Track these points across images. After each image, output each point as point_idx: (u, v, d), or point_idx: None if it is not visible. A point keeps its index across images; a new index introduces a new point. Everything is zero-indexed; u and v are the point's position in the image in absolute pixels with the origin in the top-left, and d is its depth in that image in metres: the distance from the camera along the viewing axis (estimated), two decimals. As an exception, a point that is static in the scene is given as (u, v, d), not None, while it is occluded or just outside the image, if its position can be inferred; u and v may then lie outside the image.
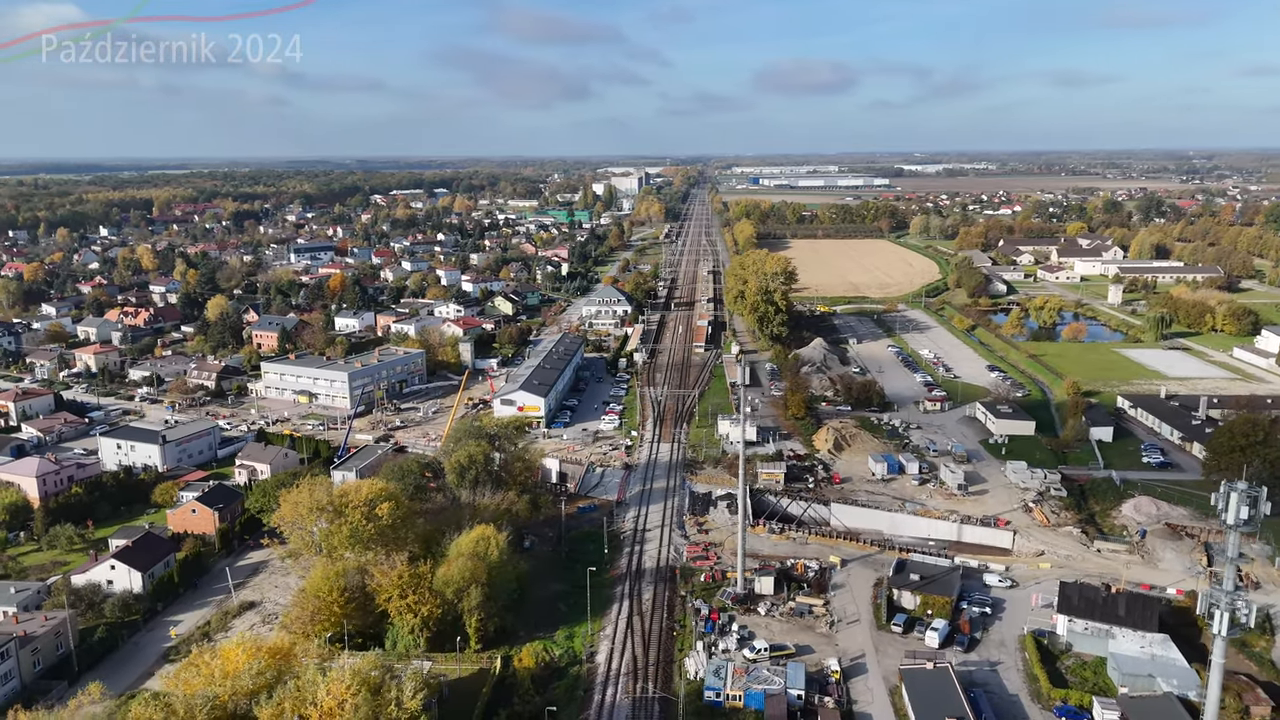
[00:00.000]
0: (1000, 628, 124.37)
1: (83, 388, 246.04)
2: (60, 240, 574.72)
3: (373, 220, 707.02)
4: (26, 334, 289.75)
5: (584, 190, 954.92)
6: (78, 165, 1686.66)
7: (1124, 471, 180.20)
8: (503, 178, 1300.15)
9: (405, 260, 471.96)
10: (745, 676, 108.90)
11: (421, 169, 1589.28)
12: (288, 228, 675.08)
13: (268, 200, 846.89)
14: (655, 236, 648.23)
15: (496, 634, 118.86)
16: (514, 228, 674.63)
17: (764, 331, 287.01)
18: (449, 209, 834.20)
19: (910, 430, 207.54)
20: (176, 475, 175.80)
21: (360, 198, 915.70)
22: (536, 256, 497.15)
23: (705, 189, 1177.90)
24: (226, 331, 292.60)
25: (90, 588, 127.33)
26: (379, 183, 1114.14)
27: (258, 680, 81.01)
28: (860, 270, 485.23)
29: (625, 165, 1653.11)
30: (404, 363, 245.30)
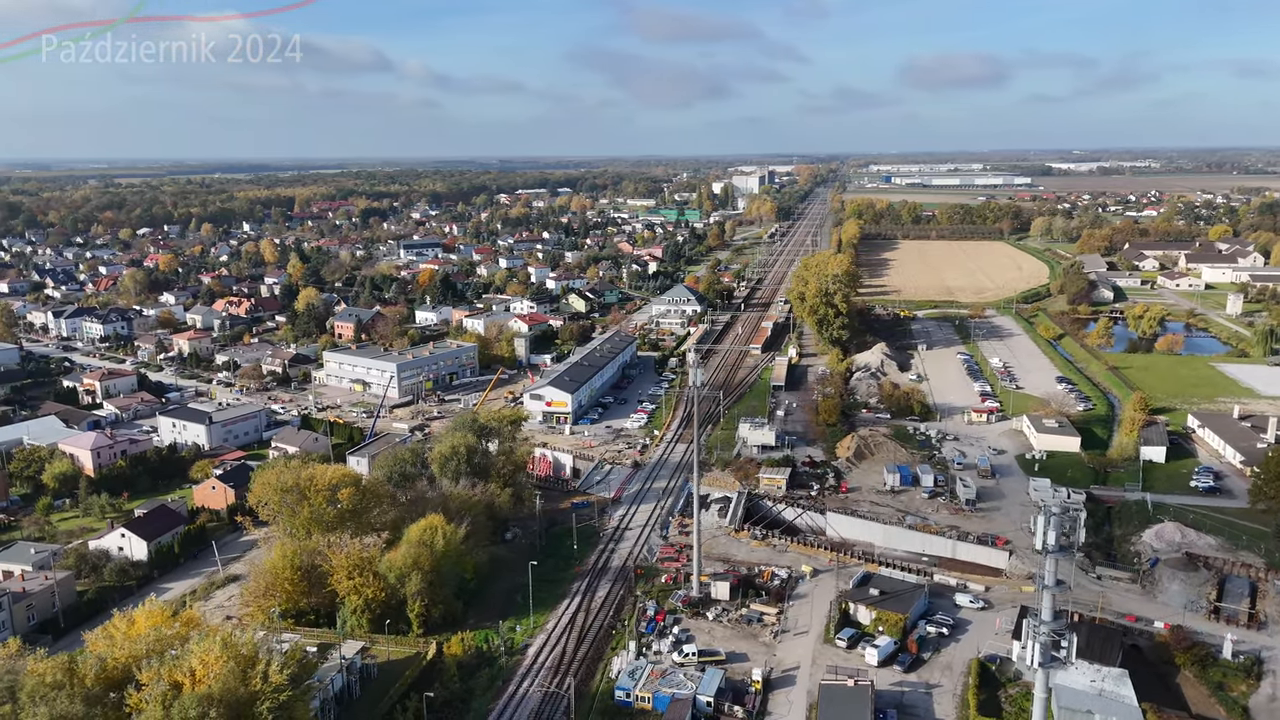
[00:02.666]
0: (954, 650, 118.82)
1: (172, 370, 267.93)
2: (204, 234, 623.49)
3: (489, 219, 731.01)
4: (138, 319, 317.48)
5: (699, 190, 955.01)
6: (248, 165, 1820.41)
7: (1164, 495, 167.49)
8: (629, 177, 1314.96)
9: (503, 258, 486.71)
10: (661, 679, 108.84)
11: (557, 168, 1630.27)
12: (410, 225, 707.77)
13: (398, 199, 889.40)
14: (760, 236, 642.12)
15: (443, 620, 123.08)
16: (621, 227, 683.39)
17: (823, 335, 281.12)
18: (566, 208, 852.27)
19: (945, 441, 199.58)
20: (217, 454, 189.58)
21: (485, 197, 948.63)
22: (629, 255, 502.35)
23: (832, 188, 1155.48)
24: (311, 322, 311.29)
25: (98, 553, 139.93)
26: (507, 182, 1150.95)
27: (152, 646, 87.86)
28: (962, 273, 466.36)
29: (761, 164, 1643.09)
30: (455, 355, 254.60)
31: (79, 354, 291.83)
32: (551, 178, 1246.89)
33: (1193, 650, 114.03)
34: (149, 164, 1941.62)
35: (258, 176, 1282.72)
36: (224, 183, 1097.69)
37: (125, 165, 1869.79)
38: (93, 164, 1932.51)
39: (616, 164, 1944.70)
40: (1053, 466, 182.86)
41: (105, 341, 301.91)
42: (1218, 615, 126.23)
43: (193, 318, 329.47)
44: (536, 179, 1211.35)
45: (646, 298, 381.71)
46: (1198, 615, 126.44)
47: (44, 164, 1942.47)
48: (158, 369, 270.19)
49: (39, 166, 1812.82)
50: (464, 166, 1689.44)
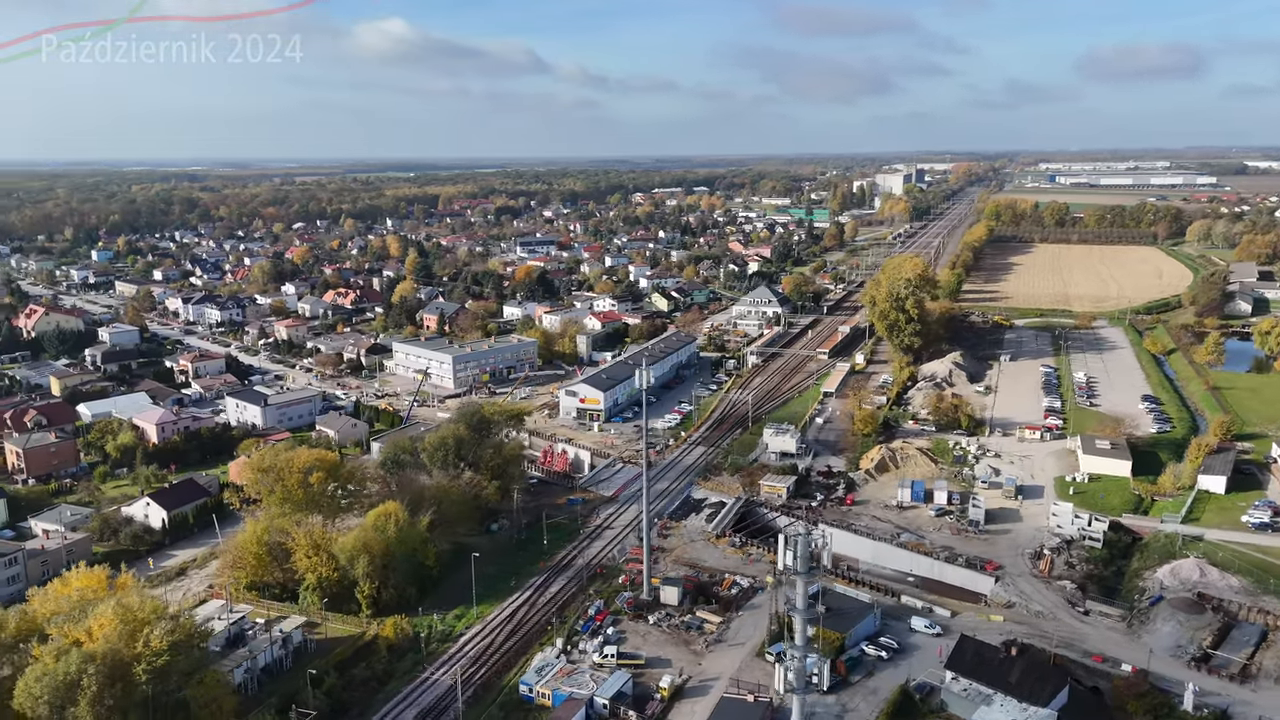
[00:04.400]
0: (889, 674, 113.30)
1: (266, 355, 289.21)
2: (346, 229, 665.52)
3: (614, 217, 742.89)
4: (251, 307, 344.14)
5: (834, 189, 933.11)
6: (417, 164, 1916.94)
7: (1208, 528, 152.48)
8: (773, 176, 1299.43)
9: (609, 256, 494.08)
10: (566, 678, 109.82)
11: (708, 167, 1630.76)
12: (538, 222, 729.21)
13: (535, 197, 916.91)
14: (884, 237, 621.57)
15: (394, 604, 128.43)
16: (741, 226, 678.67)
17: (894, 341, 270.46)
18: (695, 206, 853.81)
19: (983, 457, 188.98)
20: (266, 434, 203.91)
21: (620, 195, 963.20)
22: (736, 255, 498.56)
23: (986, 187, 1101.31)
24: (403, 314, 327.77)
25: (122, 518, 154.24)
26: (645, 182, 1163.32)
27: (74, 606, 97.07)
28: (1091, 280, 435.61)
29: (923, 161, 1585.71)
30: (514, 350, 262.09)
31: (196, 337, 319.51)
32: (690, 177, 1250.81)
33: (1146, 698, 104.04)
34: (332, 163, 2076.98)
35: (418, 175, 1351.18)
36: (383, 181, 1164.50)
37: (312, 164, 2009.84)
38: (284, 163, 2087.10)
39: (769, 162, 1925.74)
40: (1091, 490, 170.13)
41: (220, 326, 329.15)
42: (1205, 663, 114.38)
43: (303, 307, 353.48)
44: (675, 178, 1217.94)
45: (736, 298, 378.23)
46: (1179, 661, 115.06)
47: (244, 163, 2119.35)
48: (254, 353, 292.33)
49: (238, 165, 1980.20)
50: (619, 165, 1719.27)
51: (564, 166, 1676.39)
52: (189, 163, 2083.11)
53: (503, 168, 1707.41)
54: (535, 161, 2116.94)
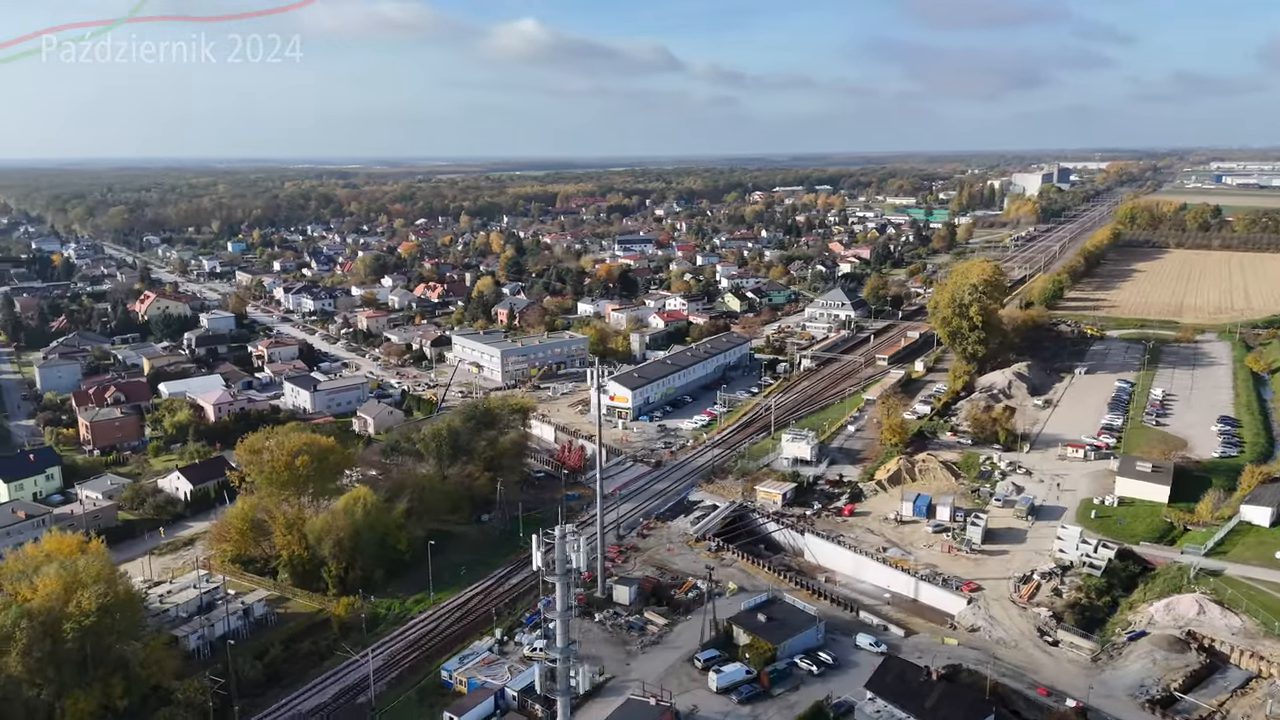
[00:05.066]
0: (816, 690, 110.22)
1: (343, 344, 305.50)
2: (461, 225, 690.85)
3: (719, 216, 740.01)
4: (342, 298, 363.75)
5: (961, 188, 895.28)
6: (554, 163, 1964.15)
7: (1233, 563, 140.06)
8: (903, 174, 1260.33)
9: (702, 255, 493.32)
10: (486, 668, 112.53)
11: (845, 164, 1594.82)
12: (648, 221, 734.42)
13: (651, 195, 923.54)
14: (1001, 240, 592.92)
15: (362, 584, 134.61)
16: (850, 226, 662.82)
17: (956, 349, 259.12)
18: (809, 205, 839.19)
19: (1012, 474, 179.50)
20: (311, 419, 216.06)
21: (736, 194, 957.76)
22: (835, 255, 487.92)
23: (1138, 187, 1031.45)
24: (479, 308, 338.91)
25: (153, 490, 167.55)
26: (765, 180, 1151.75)
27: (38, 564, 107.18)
28: (1218, 290, 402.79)
29: (1081, 159, 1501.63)
30: (565, 346, 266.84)
31: (289, 324, 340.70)
32: (816, 175, 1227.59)
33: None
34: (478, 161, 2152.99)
35: (549, 174, 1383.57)
36: (514, 179, 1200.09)
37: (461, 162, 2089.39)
38: (436, 161, 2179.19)
39: (909, 159, 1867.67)
40: (1116, 515, 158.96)
41: (313, 315, 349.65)
42: (1166, 707, 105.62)
43: (392, 299, 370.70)
44: (799, 177, 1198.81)
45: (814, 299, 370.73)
46: (1135, 701, 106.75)
47: (397, 161, 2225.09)
48: (335, 341, 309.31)
49: (392, 163, 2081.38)
50: (754, 163, 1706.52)
51: (699, 164, 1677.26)
52: (347, 161, 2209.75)
53: (634, 166, 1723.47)
54: (671, 160, 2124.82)
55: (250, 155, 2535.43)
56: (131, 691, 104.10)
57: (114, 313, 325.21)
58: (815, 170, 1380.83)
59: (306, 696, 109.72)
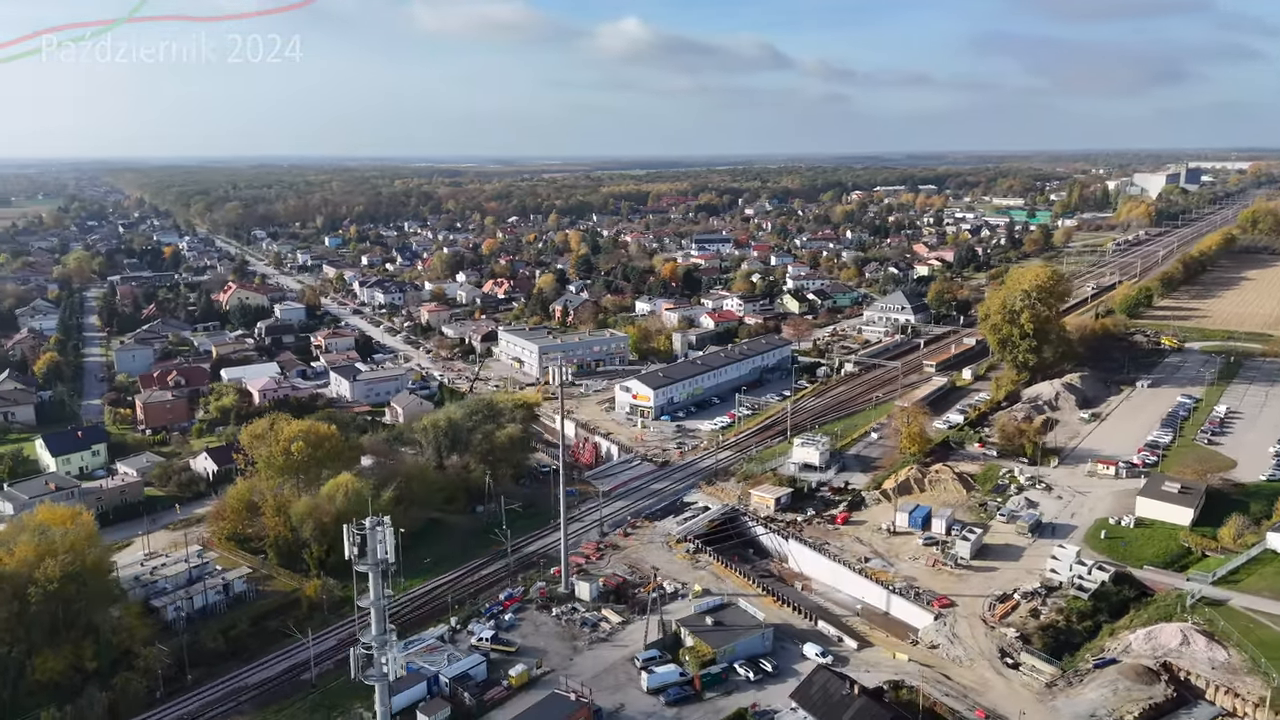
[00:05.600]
0: (747, 696, 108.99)
1: (402, 337, 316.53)
2: (550, 224, 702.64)
3: (807, 216, 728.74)
4: (410, 292, 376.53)
5: (1071, 189, 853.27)
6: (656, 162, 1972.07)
7: (1244, 593, 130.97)
8: (1015, 173, 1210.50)
9: (777, 255, 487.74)
10: (427, 655, 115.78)
11: (962, 164, 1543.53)
12: (736, 220, 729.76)
13: (744, 194, 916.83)
14: (1103, 245, 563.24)
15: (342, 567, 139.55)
16: (944, 227, 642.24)
17: (1006, 357, 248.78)
18: (906, 205, 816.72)
19: (1030, 488, 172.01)
20: (348, 406, 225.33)
21: (833, 193, 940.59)
22: (916, 257, 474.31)
23: (1277, 189, 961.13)
24: (538, 304, 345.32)
25: (182, 468, 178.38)
26: (866, 179, 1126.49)
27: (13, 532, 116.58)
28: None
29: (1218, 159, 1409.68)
30: (604, 344, 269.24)
31: (362, 317, 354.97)
32: (920, 174, 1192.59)
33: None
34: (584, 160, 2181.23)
35: (649, 172, 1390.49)
36: (614, 178, 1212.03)
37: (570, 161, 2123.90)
38: (545, 160, 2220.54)
39: (1032, 158, 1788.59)
40: (1129, 536, 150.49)
41: (382, 308, 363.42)
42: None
43: (460, 294, 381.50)
44: (901, 176, 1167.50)
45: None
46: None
47: (509, 160, 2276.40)
48: (397, 333, 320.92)
49: (504, 162, 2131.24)
50: (867, 162, 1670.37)
51: (808, 162, 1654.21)
52: (461, 160, 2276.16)
53: (739, 165, 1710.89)
54: (780, 158, 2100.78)
55: (374, 154, 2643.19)
56: (101, 655, 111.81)
57: (199, 302, 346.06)
58: (924, 169, 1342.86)
59: (257, 670, 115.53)
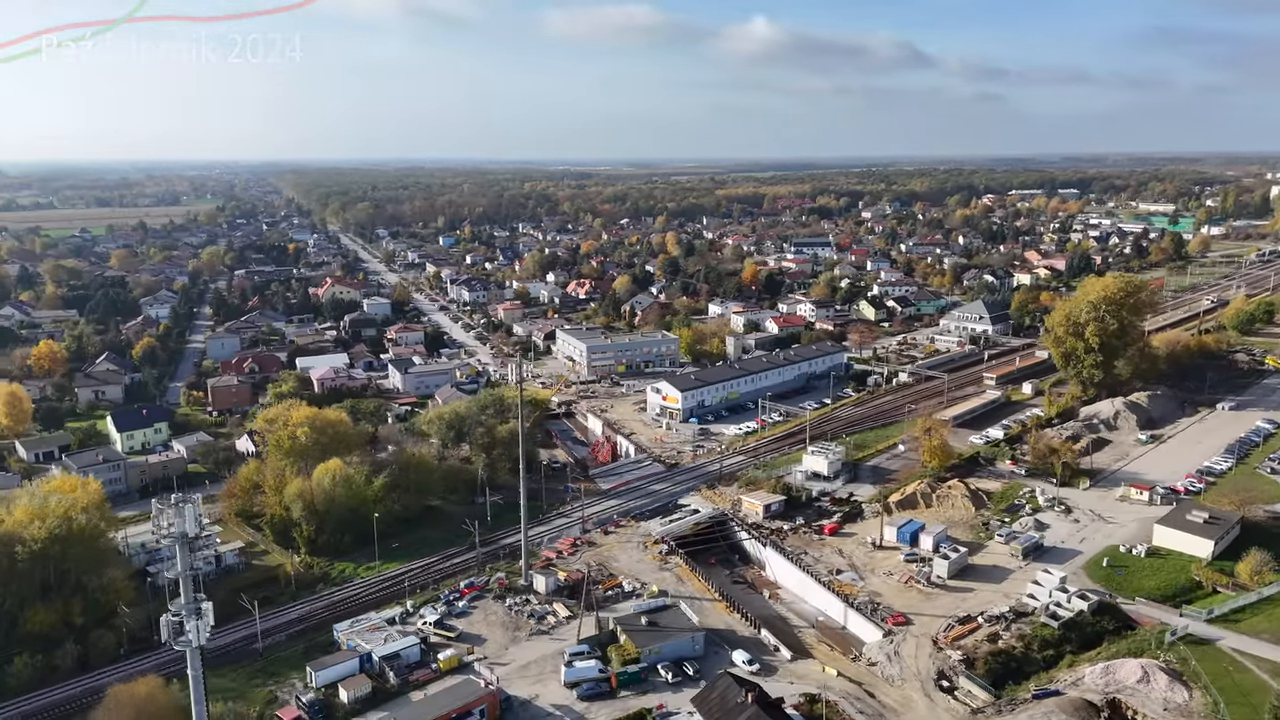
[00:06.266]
0: (659, 697, 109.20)
1: (474, 333, 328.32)
2: (657, 225, 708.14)
3: (919, 220, 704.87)
4: (494, 291, 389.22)
5: (1226, 195, 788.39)
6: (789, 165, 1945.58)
7: (1243, 633, 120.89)
8: (1173, 176, 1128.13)
9: (875, 260, 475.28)
10: (369, 634, 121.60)
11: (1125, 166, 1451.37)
12: (848, 223, 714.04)
13: (864, 197, 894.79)
14: (1246, 255, 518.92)
15: (329, 546, 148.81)
16: (1069, 233, 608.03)
17: (1070, 373, 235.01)
18: (1036, 211, 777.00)
19: (1048, 510, 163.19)
20: (396, 397, 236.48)
21: (960, 197, 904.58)
22: (1026, 264, 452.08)
23: None
24: (611, 305, 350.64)
25: (223, 447, 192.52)
26: (1002, 182, 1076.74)
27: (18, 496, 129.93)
28: None
29: None
30: (654, 345, 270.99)
31: (447, 313, 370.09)
32: (1064, 177, 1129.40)
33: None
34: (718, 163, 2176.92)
35: (774, 175, 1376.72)
36: (735, 180, 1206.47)
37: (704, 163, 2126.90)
38: (680, 162, 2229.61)
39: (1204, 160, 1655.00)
40: (1135, 566, 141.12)
41: (467, 305, 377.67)
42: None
43: (543, 293, 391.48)
44: (1039, 179, 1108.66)
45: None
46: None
47: (645, 163, 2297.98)
48: (470, 329, 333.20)
49: (639, 164, 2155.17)
50: (1022, 164, 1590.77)
51: (955, 165, 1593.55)
52: (597, 163, 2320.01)
53: (873, 166, 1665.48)
54: (922, 161, 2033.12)
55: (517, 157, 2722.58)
56: (88, 612, 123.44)
57: (298, 295, 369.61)
58: (1071, 172, 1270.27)
59: (218, 636, 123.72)
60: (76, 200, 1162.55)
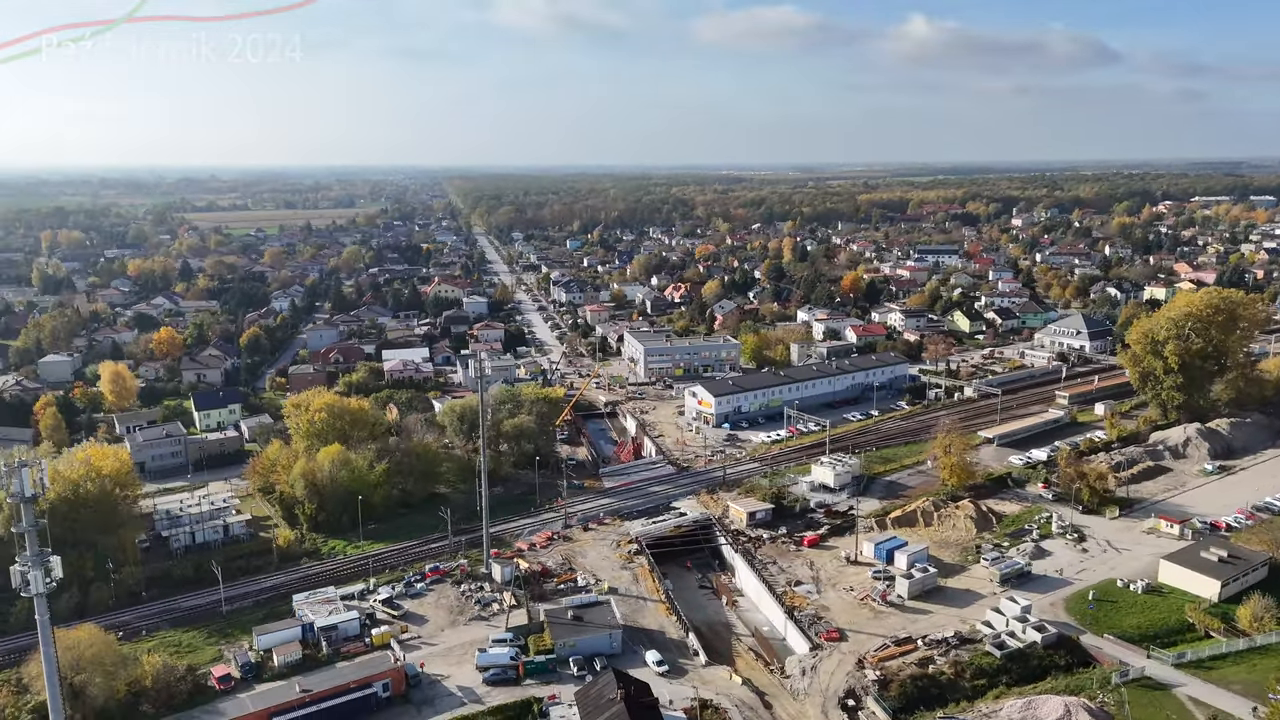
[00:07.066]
0: (554, 689, 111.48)
1: (559, 332, 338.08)
2: (785, 230, 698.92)
3: (1085, 226, 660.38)
4: (589, 292, 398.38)
5: None
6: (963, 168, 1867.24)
7: (1207, 681, 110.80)
8: None
9: (993, 270, 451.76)
10: (321, 605, 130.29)
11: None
12: (989, 231, 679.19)
13: (1018, 203, 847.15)
14: None
15: (328, 524, 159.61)
16: (1235, 246, 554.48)
17: (1149, 394, 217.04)
18: (1216, 220, 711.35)
19: (1057, 537, 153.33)
20: (452, 390, 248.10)
21: (1129, 203, 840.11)
22: (1168, 278, 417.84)
23: None
24: (697, 309, 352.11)
25: (281, 428, 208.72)
26: (1185, 187, 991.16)
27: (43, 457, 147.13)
28: None
29: None
30: (714, 350, 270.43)
31: (543, 312, 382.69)
32: (1264, 183, 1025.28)
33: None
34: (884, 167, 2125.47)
35: (932, 179, 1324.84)
36: (889, 184, 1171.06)
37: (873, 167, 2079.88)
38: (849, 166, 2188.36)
39: None
40: (1124, 601, 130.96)
41: (562, 306, 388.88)
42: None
43: (638, 295, 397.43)
44: (1228, 185, 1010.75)
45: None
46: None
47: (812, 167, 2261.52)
48: (556, 329, 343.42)
49: (806, 169, 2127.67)
50: (1226, 169, 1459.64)
51: (1151, 169, 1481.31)
52: (760, 167, 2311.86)
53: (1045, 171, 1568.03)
54: (1109, 165, 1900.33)
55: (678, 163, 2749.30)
56: (98, 568, 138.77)
57: (406, 293, 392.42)
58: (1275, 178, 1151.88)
59: (193, 598, 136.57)
60: (267, 202, 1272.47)
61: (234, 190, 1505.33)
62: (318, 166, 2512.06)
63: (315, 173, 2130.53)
